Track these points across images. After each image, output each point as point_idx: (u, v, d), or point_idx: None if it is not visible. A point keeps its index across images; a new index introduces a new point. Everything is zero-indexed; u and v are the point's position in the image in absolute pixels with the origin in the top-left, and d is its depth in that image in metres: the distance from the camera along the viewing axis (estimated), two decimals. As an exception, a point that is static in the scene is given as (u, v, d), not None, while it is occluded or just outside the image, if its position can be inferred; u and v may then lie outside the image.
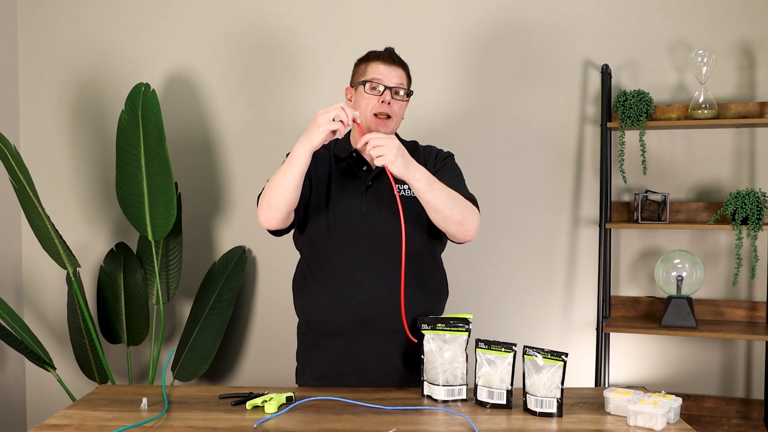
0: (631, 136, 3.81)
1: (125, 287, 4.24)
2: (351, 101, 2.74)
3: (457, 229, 2.53)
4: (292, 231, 2.83)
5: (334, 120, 2.36)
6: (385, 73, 2.66)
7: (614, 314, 3.87)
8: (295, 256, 2.90)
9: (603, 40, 3.88)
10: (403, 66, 2.72)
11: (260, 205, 2.56)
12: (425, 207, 2.49)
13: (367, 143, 2.41)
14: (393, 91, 2.65)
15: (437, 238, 2.74)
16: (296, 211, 2.63)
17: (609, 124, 3.70)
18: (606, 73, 3.73)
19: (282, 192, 2.47)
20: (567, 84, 3.91)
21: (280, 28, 4.25)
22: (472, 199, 2.64)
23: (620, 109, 3.64)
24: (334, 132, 2.39)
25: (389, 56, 2.71)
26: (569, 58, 3.91)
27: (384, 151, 2.38)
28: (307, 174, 2.67)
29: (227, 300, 4.17)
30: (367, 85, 2.67)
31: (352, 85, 2.76)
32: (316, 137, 2.38)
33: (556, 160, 3.93)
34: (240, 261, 4.24)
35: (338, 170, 2.74)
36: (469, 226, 2.55)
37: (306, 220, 2.72)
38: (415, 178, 2.43)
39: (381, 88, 2.64)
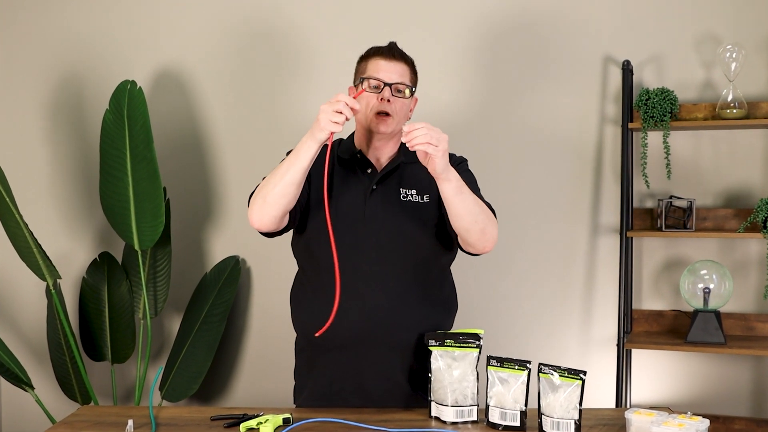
0: (655, 138, 3.82)
1: (109, 300, 4.25)
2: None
3: (478, 239, 2.56)
4: (290, 237, 2.85)
5: (336, 122, 2.39)
6: (385, 69, 2.68)
7: (636, 329, 3.87)
8: (293, 266, 2.91)
9: (624, 33, 3.89)
10: (406, 61, 2.74)
11: (253, 202, 2.58)
12: (450, 212, 2.52)
13: (410, 132, 2.40)
14: (393, 88, 2.66)
15: (446, 247, 2.75)
16: (291, 214, 2.64)
17: (630, 125, 3.71)
18: (627, 69, 3.74)
19: (282, 187, 2.50)
20: (585, 82, 3.92)
21: (277, 21, 4.27)
22: (490, 207, 2.67)
23: (642, 109, 3.65)
24: (333, 134, 2.43)
25: (390, 51, 2.72)
26: (587, 54, 3.92)
27: (438, 142, 2.39)
28: (307, 179, 2.69)
29: (220, 314, 4.18)
30: (366, 83, 2.68)
31: (354, 84, 2.78)
32: (321, 136, 2.44)
33: (573, 164, 3.94)
34: (233, 272, 4.25)
35: (341, 172, 2.76)
36: (490, 237, 2.58)
37: (304, 225, 2.74)
38: (449, 178, 2.46)
39: (381, 86, 2.66)
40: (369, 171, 2.75)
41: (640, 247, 3.90)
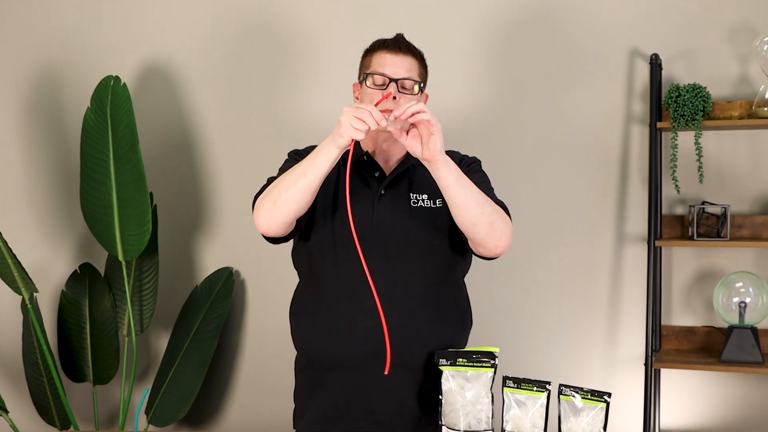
0: (685, 138, 3.83)
1: (91, 316, 4.27)
2: (358, 100, 2.77)
3: (487, 234, 2.55)
4: (290, 246, 2.87)
5: (358, 129, 2.40)
6: (391, 64, 2.69)
7: (666, 347, 3.89)
8: (293, 278, 2.93)
9: (652, 24, 3.90)
10: (414, 54, 2.75)
11: (261, 204, 2.57)
12: (452, 204, 2.52)
13: (404, 110, 2.44)
14: (400, 84, 2.66)
15: (460, 254, 2.78)
16: (298, 219, 2.65)
17: (659, 124, 3.72)
18: (655, 64, 3.75)
19: (295, 192, 2.50)
20: (609, 77, 3.94)
21: (276, 11, 4.29)
22: (503, 206, 2.68)
23: (672, 107, 3.66)
24: (353, 141, 2.44)
25: (395, 44, 2.73)
26: (612, 47, 3.94)
27: (436, 122, 2.43)
28: None
29: (211, 331, 4.20)
30: (369, 79, 2.70)
31: (359, 81, 2.80)
32: (342, 142, 2.44)
33: (596, 168, 3.96)
34: (226, 285, 4.27)
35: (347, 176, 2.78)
36: (501, 233, 2.57)
37: (308, 234, 2.75)
38: (448, 162, 2.48)
39: (386, 82, 2.67)
40: (377, 175, 2.78)
41: (670, 258, 3.92)
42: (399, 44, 2.74)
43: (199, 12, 4.37)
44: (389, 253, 2.68)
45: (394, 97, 2.63)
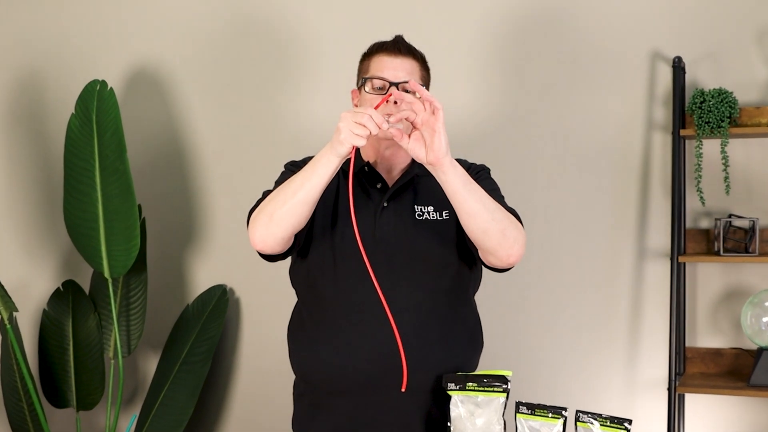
0: (711, 147, 3.83)
1: (74, 337, 4.27)
2: (357, 107, 2.77)
3: (499, 242, 2.53)
4: (288, 263, 2.88)
5: (359, 134, 2.38)
6: (390, 67, 2.71)
7: (690, 370, 3.89)
8: (291, 296, 2.93)
9: (675, 25, 3.90)
10: (414, 56, 2.76)
11: (257, 219, 2.56)
12: (461, 211, 2.50)
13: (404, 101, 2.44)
14: (401, 87, 2.65)
15: (469, 269, 2.79)
16: (297, 235, 2.65)
17: (682, 132, 3.72)
18: (679, 67, 3.75)
19: (293, 206, 2.49)
20: (629, 82, 3.94)
21: (272, 11, 4.31)
22: (514, 213, 2.67)
23: (697, 113, 3.67)
24: (354, 148, 2.43)
25: (395, 46, 2.74)
26: (632, 49, 3.94)
27: (440, 115, 2.42)
28: None
29: (204, 353, 4.21)
30: (368, 84, 2.71)
31: (357, 87, 2.81)
32: (342, 150, 2.42)
33: (615, 178, 3.97)
34: (220, 304, 4.28)
35: (347, 189, 2.77)
36: (513, 241, 2.55)
37: (306, 250, 2.76)
38: (455, 164, 2.46)
39: (386, 86, 2.68)
40: (379, 186, 2.78)
41: (695, 275, 3.92)
42: (398, 46, 2.75)
43: (191, 12, 4.39)
44: (393, 270, 2.68)
45: (395, 102, 2.62)
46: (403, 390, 2.43)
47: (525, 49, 4.06)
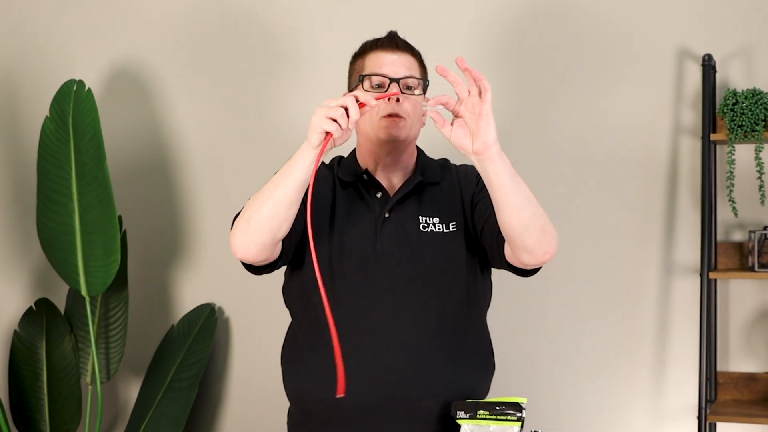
0: (744, 152, 3.83)
1: (48, 360, 4.27)
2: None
3: (538, 239, 2.51)
4: (281, 279, 2.87)
5: (332, 118, 2.36)
6: (389, 63, 2.73)
7: (722, 397, 3.88)
8: (284, 317, 2.94)
9: (704, 20, 3.90)
10: (411, 52, 2.79)
11: (236, 225, 2.56)
12: (503, 208, 2.47)
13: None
14: (402, 84, 2.69)
15: (481, 285, 2.79)
16: (285, 245, 2.64)
17: (713, 136, 3.72)
18: (709, 66, 3.75)
19: (270, 207, 2.47)
20: (654, 82, 3.94)
21: (262, 6, 4.32)
22: None
23: (728, 116, 3.67)
24: (329, 134, 2.38)
25: (391, 41, 2.77)
26: (657, 46, 3.94)
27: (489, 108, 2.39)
28: (302, 202, 2.71)
29: (190, 378, 4.20)
30: (366, 81, 2.73)
31: (350, 90, 2.82)
32: (315, 140, 2.40)
33: (639, 186, 3.96)
34: (208, 324, 4.28)
35: (344, 198, 2.79)
36: (551, 237, 2.54)
37: (301, 263, 2.76)
38: (502, 154, 2.42)
39: (386, 84, 2.69)
40: (379, 195, 2.79)
41: (727, 292, 3.91)
42: (395, 41, 2.78)
43: (176, 6, 4.39)
44: (396, 287, 2.68)
45: (398, 99, 2.67)
46: (339, 395, 2.39)
47: (538, 45, 4.06)
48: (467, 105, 2.40)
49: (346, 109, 2.37)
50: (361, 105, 2.38)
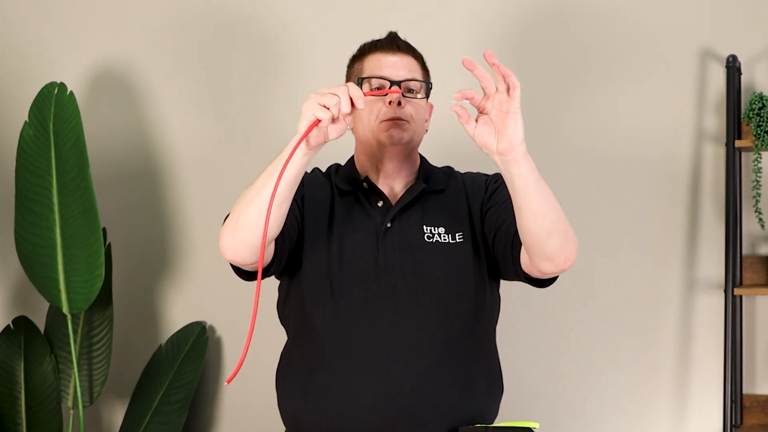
0: (771, 160, 3.85)
1: (27, 383, 4.26)
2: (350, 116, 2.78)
3: (560, 245, 2.50)
4: (275, 293, 2.88)
5: (324, 105, 2.33)
6: (389, 65, 2.74)
7: (749, 421, 3.87)
8: (280, 335, 2.94)
9: (729, 19, 3.90)
10: (412, 53, 2.80)
11: (225, 225, 2.56)
12: (525, 212, 2.45)
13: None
14: (404, 86, 2.71)
15: (493, 299, 2.80)
16: (278, 249, 2.64)
17: (738, 143, 3.73)
18: (733, 67, 3.75)
19: (259, 204, 2.44)
20: (675, 85, 3.94)
21: (255, 6, 4.32)
22: None
23: (755, 121, 3.67)
24: (317, 123, 2.35)
25: (391, 43, 2.78)
26: (678, 47, 3.94)
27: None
28: (297, 206, 2.72)
29: (179, 401, 4.20)
30: (366, 85, 2.74)
31: None
32: (301, 127, 2.37)
33: (658, 196, 3.96)
34: (198, 344, 4.27)
35: (343, 207, 2.79)
36: (573, 242, 2.54)
37: (299, 273, 2.76)
38: (527, 156, 2.41)
39: (386, 87, 2.70)
40: (380, 204, 2.79)
41: (753, 310, 3.91)
42: (396, 42, 2.79)
43: (163, 4, 4.39)
44: (400, 302, 2.68)
45: (399, 103, 2.68)
46: (226, 383, 2.38)
47: (552, 45, 4.07)
48: (494, 102, 2.39)
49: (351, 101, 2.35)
50: (352, 106, 2.36)
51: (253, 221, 2.45)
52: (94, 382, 4.25)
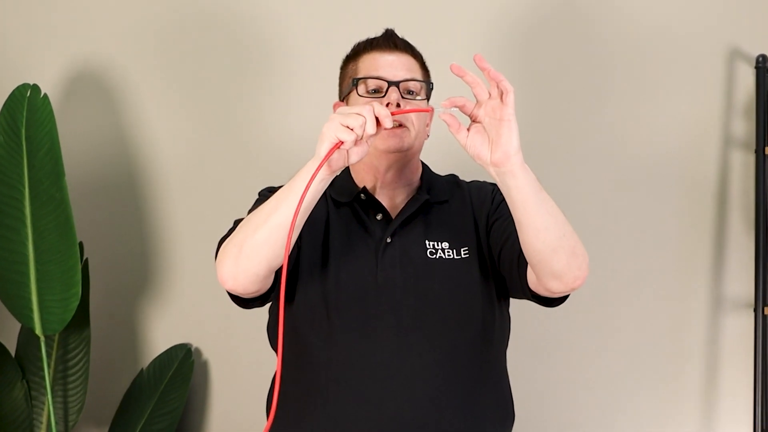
0: (805, 168, 3.85)
1: (-3, 410, 4.29)
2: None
3: (568, 263, 2.48)
4: (265, 316, 2.88)
5: (348, 126, 2.31)
6: (386, 65, 2.75)
7: (781, 453, 3.89)
8: (271, 359, 2.94)
9: (758, 17, 3.91)
10: (411, 52, 2.82)
11: (225, 251, 2.54)
12: (526, 228, 2.44)
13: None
14: (402, 87, 2.71)
15: (502, 319, 2.80)
16: (278, 273, 2.61)
17: (768, 149, 3.75)
18: (763, 68, 3.76)
19: (269, 233, 2.43)
20: (701, 87, 3.95)
21: (244, 5, 4.34)
22: None
23: (786, 125, 3.69)
24: (340, 145, 2.33)
25: (388, 40, 2.80)
26: (705, 47, 3.95)
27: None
28: None
29: (163, 430, 4.20)
30: (361, 86, 2.74)
31: (341, 98, 2.83)
32: (322, 150, 2.34)
33: (682, 207, 3.96)
34: (183, 368, 4.27)
35: (339, 221, 2.80)
36: (582, 259, 2.52)
37: (290, 298, 2.75)
38: (525, 166, 2.39)
39: (383, 88, 2.71)
40: (379, 217, 2.80)
41: (786, 330, 3.92)
42: (393, 40, 2.80)
43: (145, 6, 4.39)
44: (401, 323, 2.68)
45: (398, 104, 2.67)
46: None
47: (570, 45, 4.08)
48: (487, 109, 2.38)
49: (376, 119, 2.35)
50: (378, 125, 2.36)
51: (259, 249, 2.45)
52: (70, 409, 4.25)
